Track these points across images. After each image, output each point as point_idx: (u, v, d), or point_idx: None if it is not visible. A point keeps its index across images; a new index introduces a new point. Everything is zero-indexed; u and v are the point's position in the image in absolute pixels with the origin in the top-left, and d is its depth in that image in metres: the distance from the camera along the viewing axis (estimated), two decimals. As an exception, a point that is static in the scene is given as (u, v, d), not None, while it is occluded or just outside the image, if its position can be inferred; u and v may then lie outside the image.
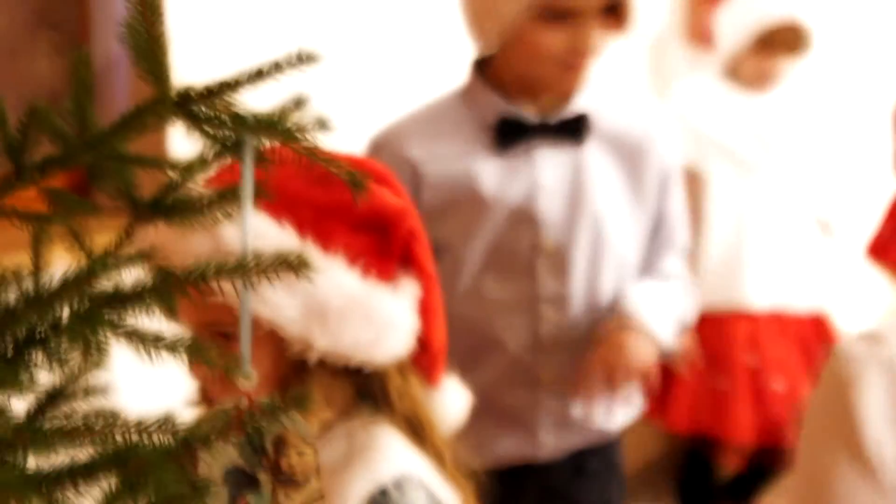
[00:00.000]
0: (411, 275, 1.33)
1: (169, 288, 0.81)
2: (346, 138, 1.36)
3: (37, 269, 1.01)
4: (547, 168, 2.12)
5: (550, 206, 2.12)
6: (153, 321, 0.85)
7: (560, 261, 2.13)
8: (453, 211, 2.10)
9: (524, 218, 2.13)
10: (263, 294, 1.20)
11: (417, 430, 1.34)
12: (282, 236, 1.24)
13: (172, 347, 0.80)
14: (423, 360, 1.35)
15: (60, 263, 0.93)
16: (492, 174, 2.11)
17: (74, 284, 0.83)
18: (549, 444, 2.21)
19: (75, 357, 0.77)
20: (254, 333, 1.10)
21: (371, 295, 1.27)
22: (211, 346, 0.82)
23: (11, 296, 0.86)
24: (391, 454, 1.30)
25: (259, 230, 1.21)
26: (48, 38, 2.47)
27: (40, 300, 0.78)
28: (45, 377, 0.88)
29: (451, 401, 1.42)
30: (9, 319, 0.76)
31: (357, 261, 1.27)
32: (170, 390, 1.40)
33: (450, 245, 2.12)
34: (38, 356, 0.77)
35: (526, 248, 2.13)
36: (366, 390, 1.33)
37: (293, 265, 0.82)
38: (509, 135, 2.12)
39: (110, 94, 2.51)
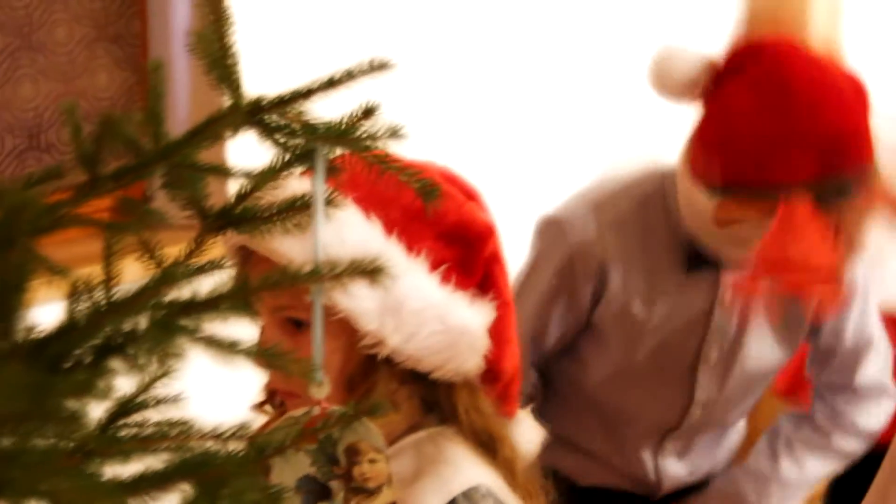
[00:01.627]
0: (488, 297, 1.33)
1: (244, 295, 0.81)
2: (419, 147, 1.36)
3: (109, 279, 1.01)
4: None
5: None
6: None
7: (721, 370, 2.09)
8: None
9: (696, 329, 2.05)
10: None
11: (487, 443, 1.33)
12: (368, 231, 1.24)
13: (249, 353, 0.80)
14: (496, 390, 1.35)
15: (130, 275, 0.94)
16: (674, 293, 2.01)
17: (149, 292, 0.83)
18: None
19: (153, 364, 0.77)
20: (326, 320, 1.09)
21: (447, 302, 1.28)
22: (287, 353, 0.82)
23: (86, 305, 0.87)
24: (461, 466, 1.29)
25: (347, 222, 1.21)
26: (108, 51, 2.49)
27: (116, 308, 0.78)
28: (123, 385, 0.88)
29: (526, 435, 1.41)
30: (86, 328, 0.77)
31: (439, 267, 1.28)
32: (236, 400, 1.40)
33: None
34: (116, 363, 0.77)
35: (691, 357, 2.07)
36: (433, 403, 1.32)
37: (368, 272, 0.81)
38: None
39: (169, 105, 2.52)
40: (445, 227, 1.29)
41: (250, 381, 1.43)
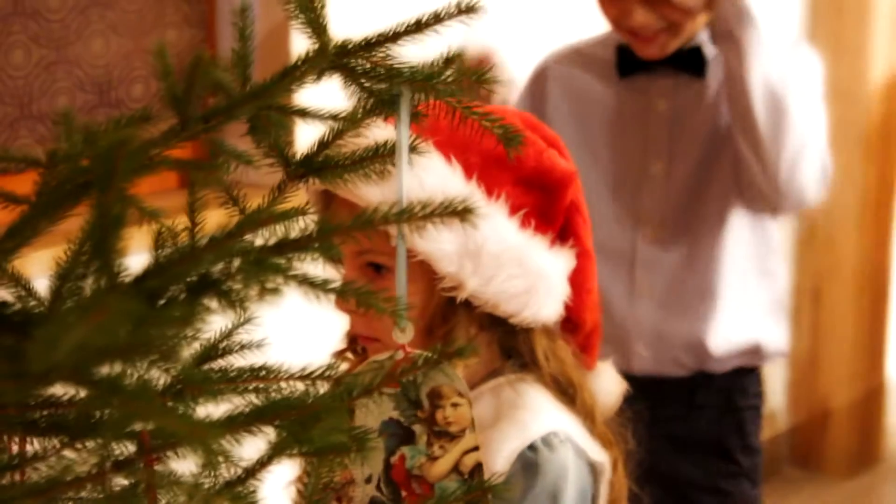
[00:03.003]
0: (567, 245, 1.33)
1: (336, 235, 0.81)
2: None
3: (194, 223, 1.02)
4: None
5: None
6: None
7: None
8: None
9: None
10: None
11: (565, 389, 1.33)
12: (448, 175, 1.24)
13: (341, 291, 0.80)
14: (576, 340, 1.35)
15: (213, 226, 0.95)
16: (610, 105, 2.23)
17: (233, 237, 0.84)
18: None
19: (248, 301, 0.78)
20: (407, 263, 1.10)
21: (526, 246, 1.27)
22: (378, 291, 0.82)
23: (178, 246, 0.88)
24: (539, 411, 1.30)
25: (427, 166, 1.21)
26: (177, 8, 2.50)
27: (203, 250, 0.79)
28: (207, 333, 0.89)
29: (607, 387, 1.41)
30: (181, 265, 0.77)
31: (518, 212, 1.28)
32: (316, 348, 1.41)
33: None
34: (211, 300, 0.77)
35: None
36: (511, 349, 1.32)
37: (458, 212, 0.81)
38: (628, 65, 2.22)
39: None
40: (525, 173, 1.29)
41: (331, 328, 1.44)
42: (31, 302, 0.97)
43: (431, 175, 1.21)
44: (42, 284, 0.95)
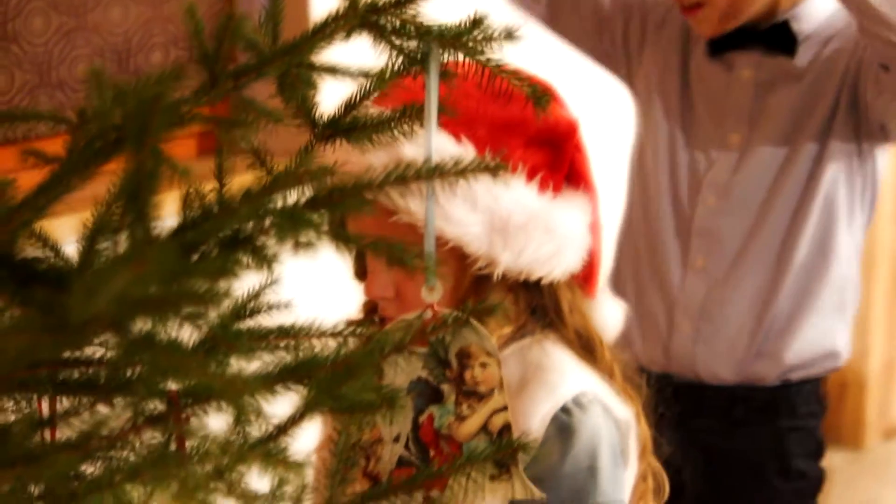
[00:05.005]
0: (577, 188, 1.33)
1: (367, 191, 0.81)
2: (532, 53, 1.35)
3: (221, 182, 1.02)
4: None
5: None
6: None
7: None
8: None
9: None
10: (447, 212, 1.21)
11: (587, 344, 1.34)
12: (461, 153, 1.24)
13: (374, 247, 0.81)
14: (582, 271, 1.35)
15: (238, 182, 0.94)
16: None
17: (261, 195, 0.84)
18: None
19: (283, 254, 0.78)
20: (437, 251, 1.10)
21: (550, 209, 1.28)
22: (409, 246, 0.82)
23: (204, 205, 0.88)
24: (567, 372, 1.30)
25: (439, 147, 1.21)
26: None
27: (232, 207, 0.79)
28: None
29: (608, 313, 1.41)
30: (215, 220, 0.77)
31: (533, 176, 1.28)
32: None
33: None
34: (245, 255, 0.78)
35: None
36: (537, 305, 1.33)
37: (490, 168, 0.81)
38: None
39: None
40: (532, 134, 1.29)
41: (348, 300, 1.44)
42: (59, 262, 0.97)
43: (444, 156, 1.21)
44: (68, 250, 0.95)
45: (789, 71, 2.11)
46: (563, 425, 1.27)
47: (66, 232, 1.16)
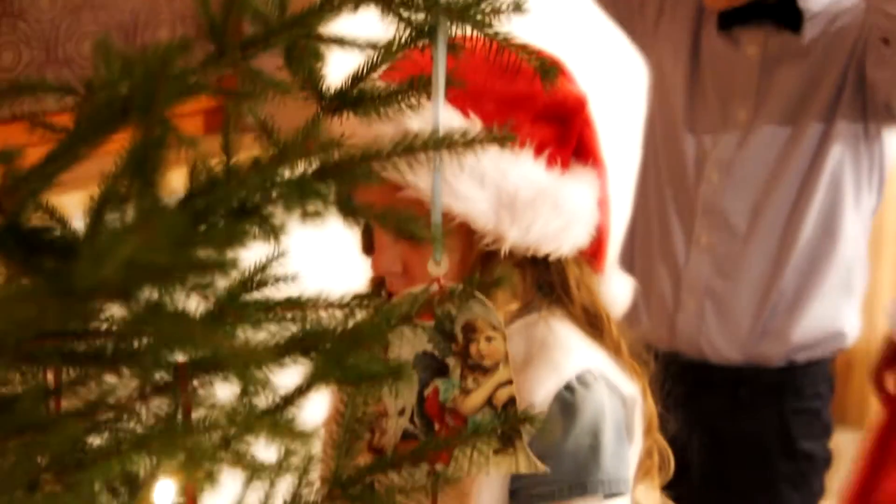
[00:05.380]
0: (586, 163, 1.33)
1: (374, 161, 0.81)
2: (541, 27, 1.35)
3: (229, 154, 1.02)
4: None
5: None
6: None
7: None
8: None
9: None
10: (454, 188, 1.21)
11: (594, 321, 1.34)
12: (469, 127, 1.23)
13: (382, 218, 0.81)
14: (591, 247, 1.35)
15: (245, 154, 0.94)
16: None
17: (268, 168, 0.84)
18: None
19: (291, 224, 0.78)
20: (443, 227, 1.10)
21: (558, 185, 1.28)
22: (416, 217, 0.82)
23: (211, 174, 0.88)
24: (572, 349, 1.30)
25: (446, 122, 1.21)
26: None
27: (260, 166, 0.79)
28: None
29: (617, 287, 1.41)
30: (222, 189, 0.77)
31: (541, 152, 1.27)
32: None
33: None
34: (253, 225, 0.78)
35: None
36: (544, 281, 1.33)
37: (499, 139, 0.81)
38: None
39: None
40: (540, 109, 1.29)
41: (356, 276, 1.44)
42: (66, 233, 0.97)
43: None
44: (75, 225, 0.95)
45: (795, 48, 2.11)
46: (566, 403, 1.27)
47: (73, 210, 1.17)
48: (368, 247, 1.34)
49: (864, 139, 2.11)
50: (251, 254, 0.91)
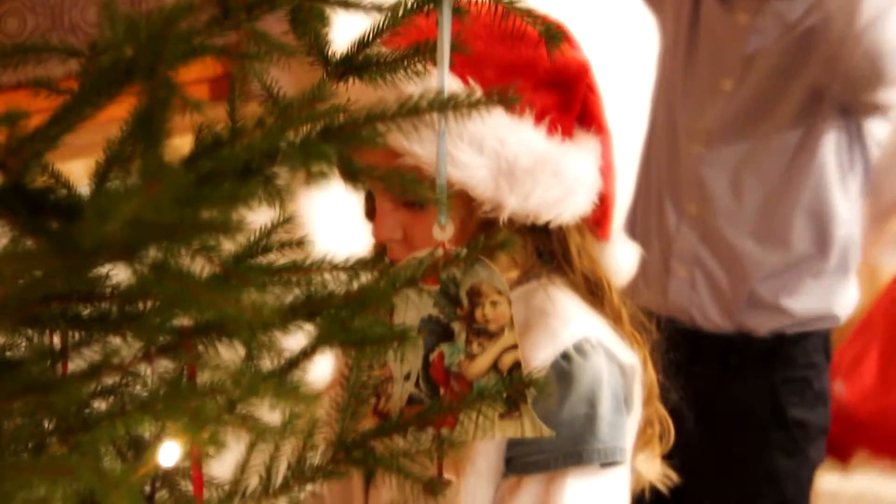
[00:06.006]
0: (590, 130, 1.32)
1: (379, 122, 0.81)
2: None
3: (234, 117, 1.02)
4: None
5: None
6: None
7: None
8: None
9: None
10: (453, 156, 1.20)
11: (594, 289, 1.33)
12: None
13: (387, 179, 0.80)
14: (595, 214, 1.34)
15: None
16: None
17: (284, 115, 0.84)
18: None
19: (293, 186, 0.78)
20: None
21: (558, 152, 1.27)
22: (420, 180, 0.82)
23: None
24: (570, 317, 1.30)
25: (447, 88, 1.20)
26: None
27: (265, 124, 0.79)
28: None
29: (622, 255, 1.41)
30: (231, 143, 0.77)
31: (542, 119, 1.27)
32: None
33: None
34: (258, 185, 0.78)
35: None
36: (545, 248, 1.32)
37: (504, 101, 0.81)
38: None
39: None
40: (542, 75, 1.27)
41: (359, 243, 1.44)
42: (71, 195, 0.97)
43: None
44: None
45: (784, 20, 2.09)
46: (563, 372, 1.26)
47: (80, 178, 1.16)
48: (371, 212, 1.34)
49: (855, 123, 2.11)
50: (258, 218, 0.92)
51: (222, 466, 1.00)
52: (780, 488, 2.20)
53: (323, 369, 1.12)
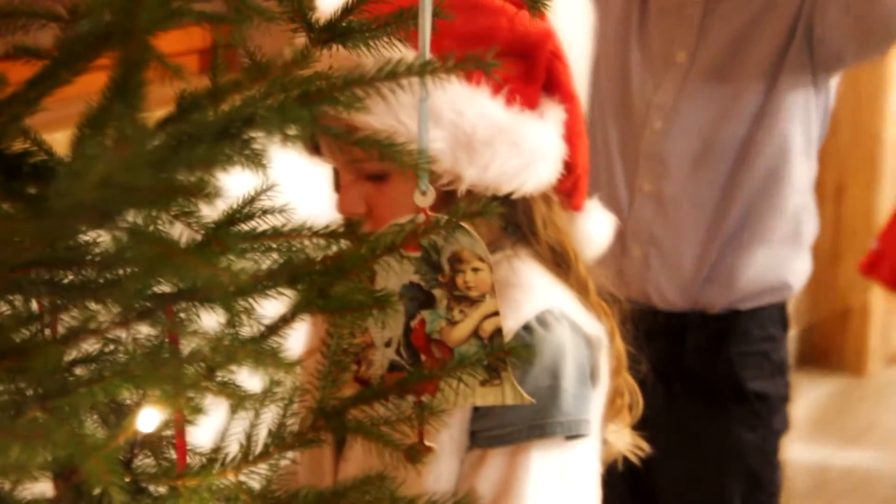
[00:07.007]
0: (555, 98, 1.31)
1: (359, 85, 0.81)
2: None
3: (217, 80, 1.02)
4: None
5: None
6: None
7: None
8: None
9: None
10: (409, 128, 1.19)
11: (560, 260, 1.32)
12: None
13: (365, 143, 0.80)
14: (566, 184, 1.34)
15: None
16: None
17: (259, 74, 0.83)
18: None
19: (271, 148, 0.78)
20: (400, 170, 1.09)
21: (517, 123, 1.26)
22: (403, 143, 0.82)
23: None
24: (534, 289, 1.29)
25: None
26: None
27: (239, 85, 0.78)
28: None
29: (596, 225, 1.40)
30: (206, 104, 0.77)
31: (501, 89, 1.26)
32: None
33: None
34: (234, 148, 0.77)
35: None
36: (509, 220, 1.32)
37: (480, 64, 0.81)
38: None
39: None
40: (501, 45, 1.24)
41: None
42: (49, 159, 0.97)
43: None
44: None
45: None
46: (525, 344, 1.25)
47: (62, 148, 1.16)
48: (339, 186, 1.33)
49: (814, 88, 2.08)
50: (239, 186, 0.91)
51: (202, 434, 1.00)
52: (746, 462, 2.19)
53: (297, 339, 1.11)
